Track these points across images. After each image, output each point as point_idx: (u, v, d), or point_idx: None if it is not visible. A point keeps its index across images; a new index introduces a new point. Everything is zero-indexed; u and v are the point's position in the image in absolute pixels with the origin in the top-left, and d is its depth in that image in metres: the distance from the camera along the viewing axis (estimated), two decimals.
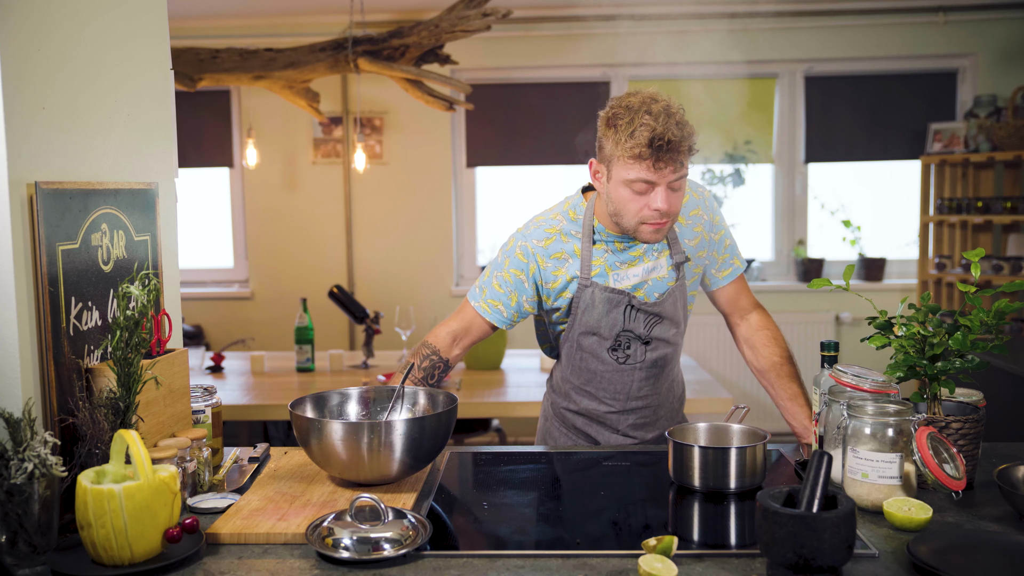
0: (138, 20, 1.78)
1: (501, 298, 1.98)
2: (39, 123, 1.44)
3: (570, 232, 1.96)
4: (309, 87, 4.54)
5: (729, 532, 1.52)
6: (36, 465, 1.28)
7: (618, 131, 1.78)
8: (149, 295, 1.50)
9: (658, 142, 1.73)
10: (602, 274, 1.94)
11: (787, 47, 5.16)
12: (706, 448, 1.64)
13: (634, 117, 1.75)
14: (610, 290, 1.92)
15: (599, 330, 1.95)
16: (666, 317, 1.96)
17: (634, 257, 1.95)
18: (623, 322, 1.94)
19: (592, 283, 1.92)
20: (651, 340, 1.97)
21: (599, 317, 1.94)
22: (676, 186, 1.81)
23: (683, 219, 1.99)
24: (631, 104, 1.78)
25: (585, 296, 1.93)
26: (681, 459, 1.66)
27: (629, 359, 1.97)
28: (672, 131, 1.74)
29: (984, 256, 2.90)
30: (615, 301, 1.93)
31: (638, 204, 1.81)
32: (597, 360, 1.99)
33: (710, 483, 1.63)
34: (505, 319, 2.00)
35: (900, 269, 5.41)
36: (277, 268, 5.45)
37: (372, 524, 1.35)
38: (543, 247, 1.95)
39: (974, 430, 1.62)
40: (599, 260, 1.94)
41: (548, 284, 1.96)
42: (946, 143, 5.01)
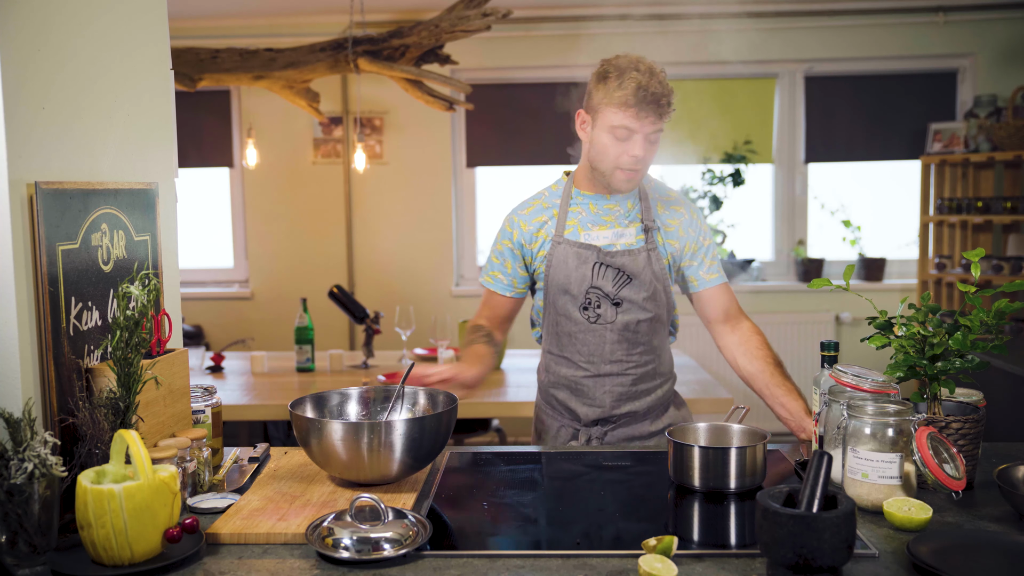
0: (138, 20, 1.78)
1: (498, 268, 2.19)
2: (39, 123, 1.44)
3: (550, 200, 2.17)
4: (309, 87, 4.54)
5: (729, 532, 1.52)
6: (36, 465, 1.28)
7: (607, 82, 1.99)
8: (149, 295, 1.50)
9: (642, 92, 1.95)
10: (574, 233, 2.10)
11: (787, 47, 5.16)
12: (706, 448, 1.65)
13: (623, 72, 1.98)
14: (579, 244, 2.07)
15: (569, 286, 2.08)
16: (634, 277, 2.06)
17: (605, 221, 2.10)
18: (591, 278, 2.07)
19: (564, 239, 2.09)
20: (621, 301, 2.07)
21: (569, 272, 2.07)
22: (652, 138, 2.01)
23: (662, 208, 2.15)
24: (620, 64, 2.00)
25: (558, 252, 2.09)
26: (681, 459, 1.66)
27: (600, 318, 2.08)
28: (655, 86, 1.96)
29: (984, 256, 2.90)
30: (584, 257, 2.07)
31: (617, 150, 2.00)
32: (570, 321, 2.10)
33: (710, 483, 1.63)
34: (506, 286, 2.19)
35: (900, 269, 5.41)
36: (277, 268, 5.45)
37: (372, 524, 1.35)
38: (525, 215, 2.17)
39: (974, 430, 1.62)
40: (573, 221, 2.12)
41: (530, 246, 2.14)
42: (946, 143, 5.01)
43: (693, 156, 5.29)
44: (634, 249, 2.08)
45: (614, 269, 2.06)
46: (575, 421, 2.15)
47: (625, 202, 2.12)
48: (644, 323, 2.09)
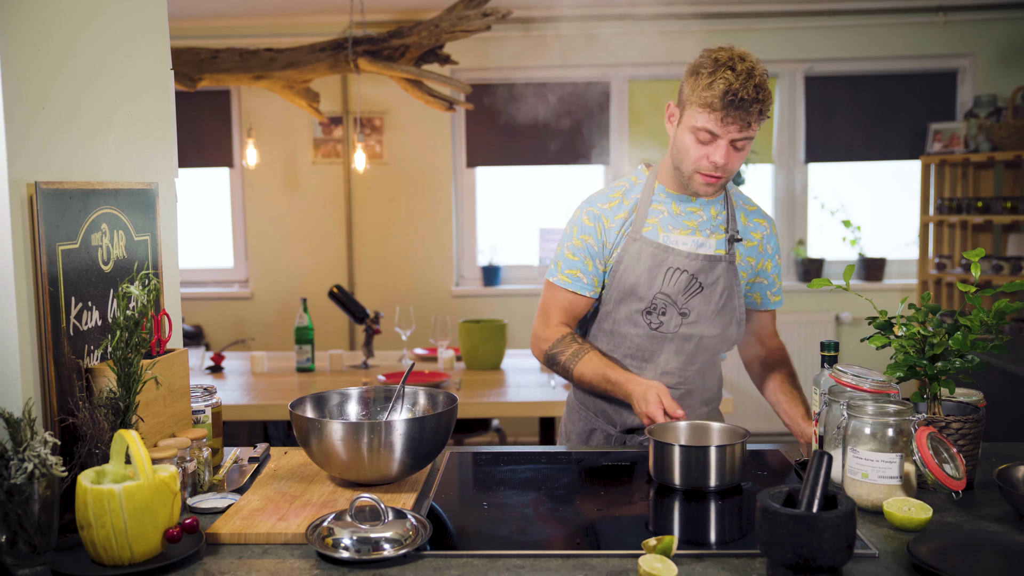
0: (138, 20, 1.78)
1: (578, 266, 2.00)
2: (39, 123, 1.44)
3: (631, 195, 2.01)
4: (309, 87, 4.54)
5: (729, 532, 1.52)
6: (36, 465, 1.28)
7: (698, 79, 1.84)
8: (149, 295, 1.50)
9: (730, 96, 1.79)
10: (653, 232, 1.97)
11: (787, 47, 5.16)
12: (687, 447, 1.65)
13: (716, 69, 1.81)
14: (656, 245, 1.95)
15: (638, 288, 1.95)
16: (706, 287, 1.95)
17: (688, 226, 1.97)
18: (662, 283, 1.94)
19: (641, 237, 1.96)
20: (688, 312, 1.96)
21: (640, 273, 1.95)
22: (740, 145, 1.86)
23: (745, 219, 2.04)
24: (719, 57, 1.84)
25: (632, 250, 1.96)
26: (662, 458, 1.67)
27: (662, 327, 1.96)
28: (747, 90, 1.80)
29: (984, 256, 2.90)
30: (659, 258, 1.94)
31: (699, 152, 1.87)
32: (630, 324, 1.98)
33: (691, 481, 1.64)
34: (586, 285, 2.00)
35: (900, 269, 5.41)
36: (277, 268, 5.45)
37: (372, 524, 1.35)
38: (608, 208, 2.00)
39: (974, 430, 1.62)
40: (653, 219, 1.98)
41: (610, 244, 1.99)
42: (946, 143, 5.01)
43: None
44: (713, 257, 1.95)
45: (688, 276, 1.94)
46: (610, 426, 2.05)
47: (709, 208, 2.00)
48: (708, 339, 1.98)
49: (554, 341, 2.01)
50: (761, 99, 1.82)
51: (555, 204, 5.51)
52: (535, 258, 5.43)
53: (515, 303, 5.23)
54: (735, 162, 1.89)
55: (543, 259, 5.37)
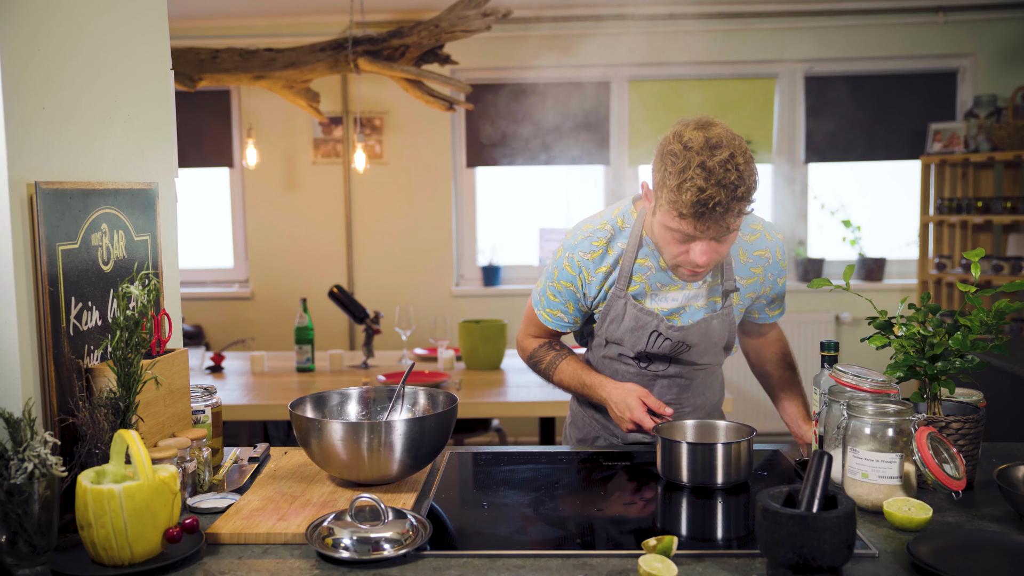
0: (138, 20, 1.78)
1: (559, 307, 1.96)
2: (39, 123, 1.44)
3: (617, 244, 1.87)
4: (309, 87, 4.54)
5: (729, 532, 1.52)
6: (36, 465, 1.28)
7: (666, 175, 1.63)
8: (149, 295, 1.50)
9: (701, 208, 1.59)
10: (641, 292, 1.87)
11: (787, 47, 5.16)
12: (694, 444, 1.67)
13: (687, 166, 1.59)
14: (641, 309, 1.85)
15: (623, 342, 1.92)
16: (694, 346, 1.90)
17: (677, 281, 1.85)
18: (647, 344, 1.89)
19: (626, 296, 1.86)
20: (678, 360, 1.94)
21: (624, 332, 1.89)
22: (723, 240, 1.68)
23: (744, 255, 1.89)
24: (687, 152, 1.61)
25: (616, 307, 1.87)
26: (670, 455, 1.68)
27: (651, 366, 1.95)
28: (721, 195, 1.58)
29: (984, 256, 2.90)
30: (643, 322, 1.86)
31: (677, 249, 1.72)
32: (619, 362, 1.97)
33: (698, 479, 1.65)
34: (566, 324, 1.98)
35: (900, 269, 5.41)
36: (277, 268, 5.45)
37: (372, 524, 1.35)
38: (590, 260, 1.87)
39: (974, 430, 1.62)
40: (641, 277, 1.86)
41: (591, 296, 1.91)
42: (946, 143, 5.01)
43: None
44: (701, 318, 1.87)
45: (672, 341, 1.88)
46: (613, 436, 2.04)
47: None
48: (700, 371, 1.97)
49: (532, 351, 2.06)
50: (739, 197, 1.60)
51: (555, 204, 5.51)
52: (535, 258, 5.43)
53: (515, 303, 5.23)
54: (721, 252, 1.70)
55: (543, 259, 5.37)
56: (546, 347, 2.04)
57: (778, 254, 1.93)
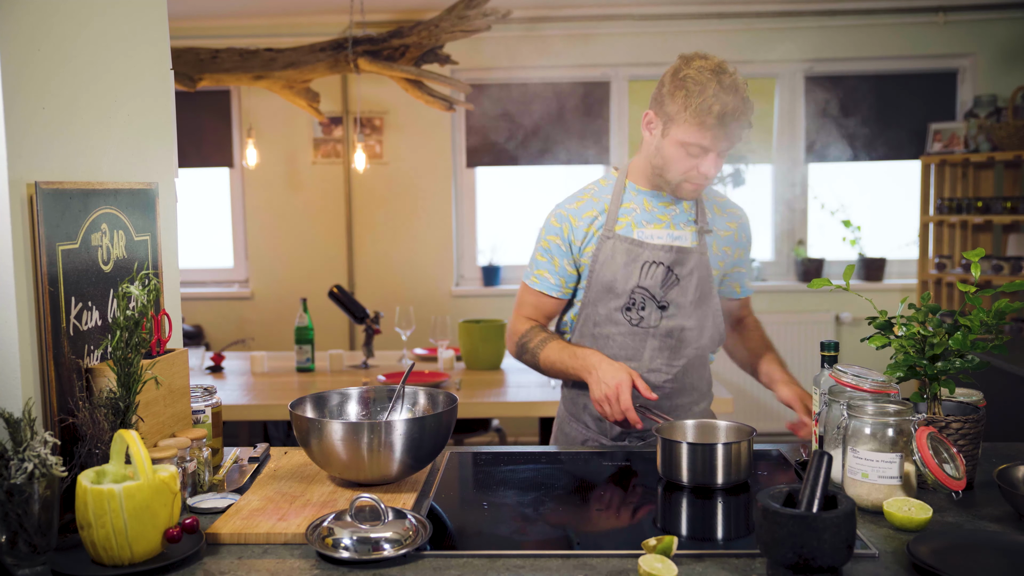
0: (138, 20, 1.78)
1: (545, 266, 2.06)
2: (39, 123, 1.44)
3: (601, 195, 2.05)
4: (309, 87, 4.54)
5: (729, 532, 1.52)
6: (36, 465, 1.28)
7: (688, 96, 1.85)
8: (149, 295, 1.50)
9: (724, 115, 1.84)
10: (627, 229, 2.00)
11: (787, 47, 5.16)
12: (694, 444, 1.67)
13: (706, 87, 1.84)
14: (631, 240, 1.98)
15: (615, 284, 1.98)
16: (683, 279, 1.98)
17: (661, 220, 2.01)
18: (639, 277, 1.97)
19: (615, 235, 1.99)
20: (667, 305, 1.98)
21: (616, 270, 1.97)
22: (724, 153, 1.93)
23: (719, 211, 2.08)
24: (700, 75, 1.86)
25: (606, 248, 1.99)
26: (670, 455, 1.68)
27: (643, 321, 1.98)
28: (738, 104, 1.85)
29: (984, 256, 2.90)
30: (634, 254, 1.97)
31: (687, 164, 1.91)
32: (610, 322, 2.00)
33: (698, 479, 1.65)
34: (554, 285, 2.05)
35: (900, 269, 5.41)
36: (277, 268, 5.45)
37: (372, 524, 1.35)
38: (575, 208, 2.04)
39: (974, 430, 1.62)
40: (626, 217, 2.01)
41: (579, 241, 2.02)
42: (946, 143, 5.01)
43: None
44: (687, 249, 1.99)
45: (664, 268, 1.97)
46: (601, 435, 2.06)
47: (681, 202, 2.04)
48: (689, 331, 2.00)
49: (523, 332, 2.09)
50: (749, 109, 1.89)
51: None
52: None
53: None
54: (720, 167, 1.95)
55: None
56: (536, 329, 2.07)
57: (746, 219, 2.14)
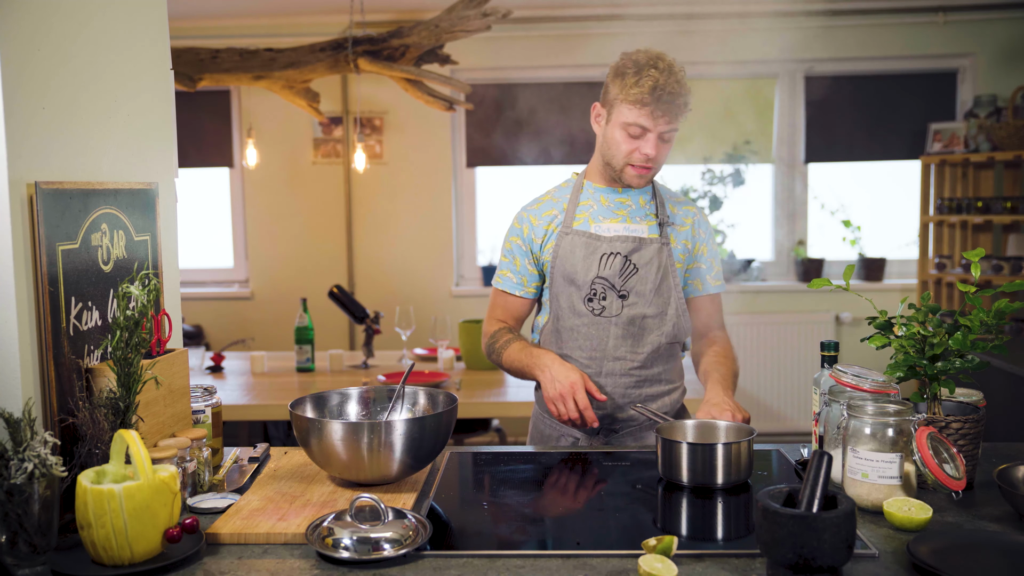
0: (138, 20, 1.78)
1: (508, 267, 2.16)
2: (39, 123, 1.44)
3: (560, 195, 2.15)
4: (309, 87, 4.54)
5: (729, 532, 1.52)
6: (36, 465, 1.28)
7: (625, 78, 1.98)
8: (149, 295, 1.50)
9: (659, 92, 1.93)
10: (584, 224, 2.08)
11: (787, 47, 5.16)
12: (694, 444, 1.67)
13: (642, 69, 1.96)
14: (588, 235, 2.06)
15: (575, 276, 2.04)
16: (641, 267, 2.03)
17: (617, 214, 2.09)
18: (598, 268, 2.03)
19: (572, 230, 2.07)
20: (627, 294, 2.03)
21: (576, 262, 2.04)
22: (666, 137, 2.00)
23: (673, 207, 2.13)
24: (639, 58, 1.99)
25: (565, 243, 2.07)
26: (670, 455, 1.68)
27: (605, 311, 2.04)
28: (673, 85, 1.95)
29: (984, 256, 2.91)
30: (592, 247, 2.05)
31: (629, 147, 2.00)
32: (573, 314, 2.06)
33: (698, 479, 1.65)
34: (515, 284, 2.15)
35: (900, 269, 5.41)
36: (277, 268, 5.45)
37: (372, 524, 1.35)
38: (535, 209, 2.15)
39: (974, 430, 1.62)
40: (583, 214, 2.10)
41: (539, 240, 2.11)
42: (946, 143, 5.01)
43: (693, 156, 5.30)
44: (644, 238, 2.05)
45: (622, 258, 2.04)
46: (573, 435, 2.09)
47: (638, 198, 2.11)
48: (651, 319, 2.05)
49: (491, 333, 2.17)
50: (685, 92, 1.97)
51: None
52: None
53: None
54: (663, 154, 2.02)
55: None
56: (503, 331, 2.16)
57: (703, 216, 2.18)
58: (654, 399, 2.09)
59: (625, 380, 2.06)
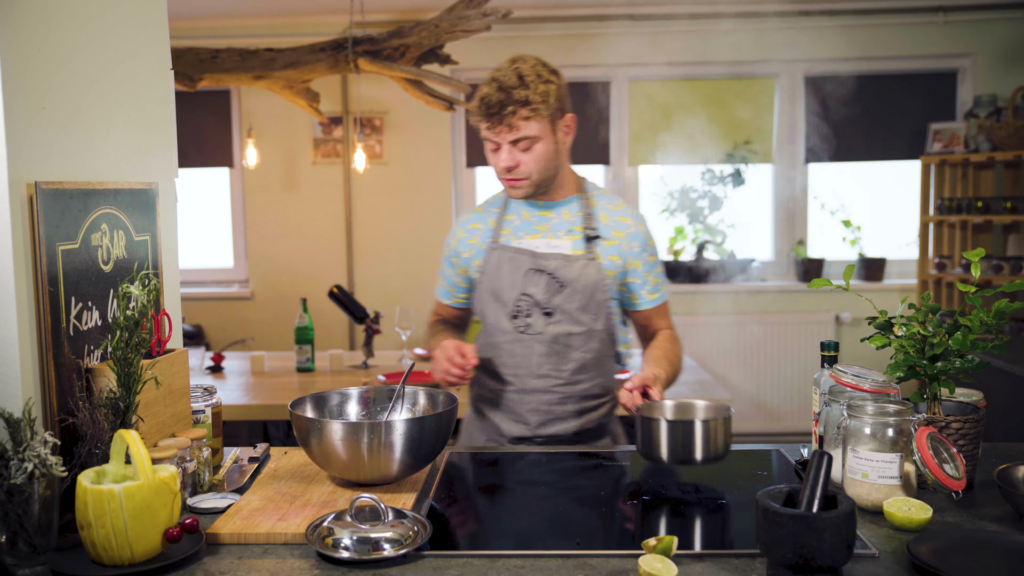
0: (138, 20, 1.78)
1: (442, 275, 2.20)
2: (39, 123, 1.44)
3: (488, 208, 2.13)
4: (309, 87, 4.53)
5: (729, 532, 1.52)
6: (36, 465, 1.28)
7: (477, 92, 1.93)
8: (149, 295, 1.50)
9: (485, 104, 1.88)
10: (508, 239, 2.05)
11: (787, 47, 5.16)
12: (673, 421, 1.70)
13: (487, 81, 1.90)
14: (514, 250, 2.02)
15: (501, 292, 2.01)
16: (567, 285, 1.98)
17: (538, 230, 2.04)
18: (523, 284, 2.00)
19: (499, 246, 2.04)
20: (553, 311, 1.98)
21: (501, 278, 2.02)
22: (523, 146, 1.91)
23: (605, 217, 2.05)
24: (496, 68, 1.93)
25: (491, 259, 2.04)
26: (649, 433, 1.71)
27: (530, 328, 2.00)
28: (500, 96, 1.86)
29: (984, 256, 2.90)
30: (517, 262, 2.01)
31: (493, 160, 1.97)
32: (499, 331, 2.03)
33: (677, 456, 1.68)
34: (445, 292, 2.19)
35: (900, 269, 5.41)
36: (277, 268, 5.45)
37: (372, 524, 1.35)
38: (462, 221, 2.14)
39: (974, 430, 1.62)
40: (507, 229, 2.06)
41: (465, 253, 2.10)
42: (946, 143, 5.01)
43: (693, 156, 5.30)
44: (569, 255, 1.99)
45: (547, 275, 1.98)
46: (500, 436, 2.07)
47: (562, 211, 2.04)
48: (576, 336, 1.99)
49: (429, 326, 2.23)
50: (517, 100, 1.85)
51: None
52: None
53: None
54: (530, 163, 1.93)
55: None
56: (439, 323, 2.20)
57: (640, 227, 2.07)
58: (580, 415, 2.05)
59: (548, 397, 2.01)
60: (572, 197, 2.06)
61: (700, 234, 5.41)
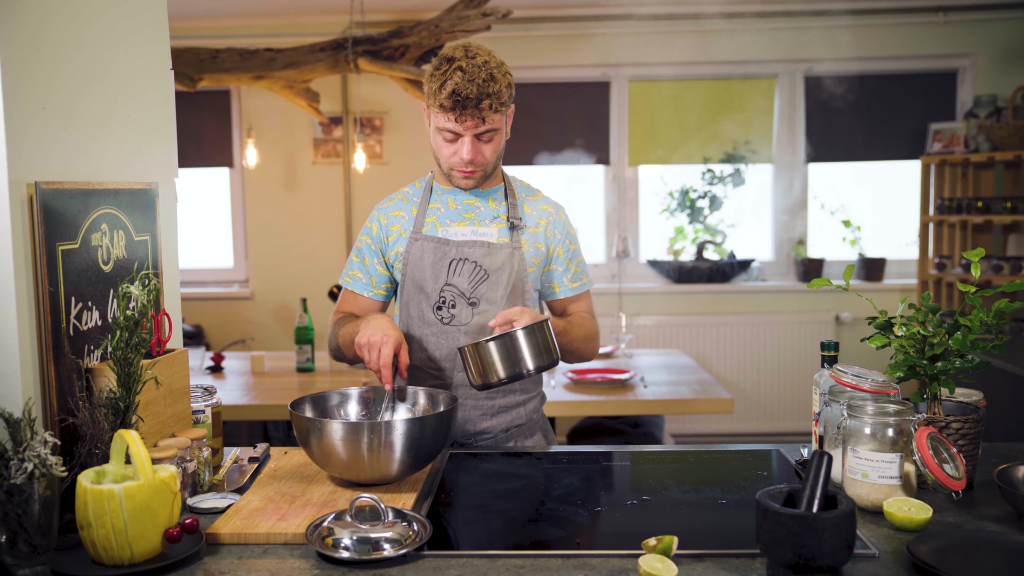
0: (138, 20, 1.78)
1: (358, 266, 2.06)
2: (39, 123, 1.44)
3: (411, 196, 2.07)
4: (309, 87, 4.54)
5: (729, 532, 1.52)
6: (36, 465, 1.28)
7: (433, 80, 1.88)
8: (149, 295, 1.50)
9: (457, 97, 1.84)
10: (432, 229, 2.00)
11: (787, 47, 5.16)
12: (495, 337, 1.71)
13: (447, 69, 1.86)
14: (437, 239, 1.98)
15: (424, 283, 1.96)
16: (491, 273, 1.95)
17: (465, 218, 2.01)
18: (447, 275, 1.96)
19: (422, 236, 1.99)
20: (477, 301, 1.95)
21: (425, 269, 1.97)
22: (486, 138, 1.92)
23: (528, 208, 2.05)
24: (446, 54, 1.89)
25: (415, 249, 1.98)
26: (478, 360, 1.72)
27: (454, 320, 1.96)
28: (472, 89, 1.84)
29: (984, 256, 2.91)
30: (441, 252, 1.96)
31: (449, 150, 1.93)
32: (422, 323, 1.97)
33: (512, 368, 1.71)
34: (364, 285, 2.05)
35: (900, 269, 5.41)
36: (277, 268, 5.45)
37: (372, 524, 1.35)
38: (384, 207, 2.06)
39: (974, 430, 1.62)
40: (431, 218, 2.01)
41: (387, 240, 2.03)
42: (946, 143, 5.01)
43: (693, 156, 5.30)
44: (493, 243, 1.96)
45: (471, 264, 1.95)
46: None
47: (487, 199, 2.02)
48: None
49: (332, 324, 2.06)
50: (491, 93, 1.87)
51: None
52: None
53: None
54: (487, 154, 1.94)
55: None
56: (345, 318, 2.03)
57: (560, 215, 2.09)
58: (508, 410, 2.01)
59: (475, 392, 1.97)
60: (497, 187, 2.05)
61: (700, 234, 5.41)
